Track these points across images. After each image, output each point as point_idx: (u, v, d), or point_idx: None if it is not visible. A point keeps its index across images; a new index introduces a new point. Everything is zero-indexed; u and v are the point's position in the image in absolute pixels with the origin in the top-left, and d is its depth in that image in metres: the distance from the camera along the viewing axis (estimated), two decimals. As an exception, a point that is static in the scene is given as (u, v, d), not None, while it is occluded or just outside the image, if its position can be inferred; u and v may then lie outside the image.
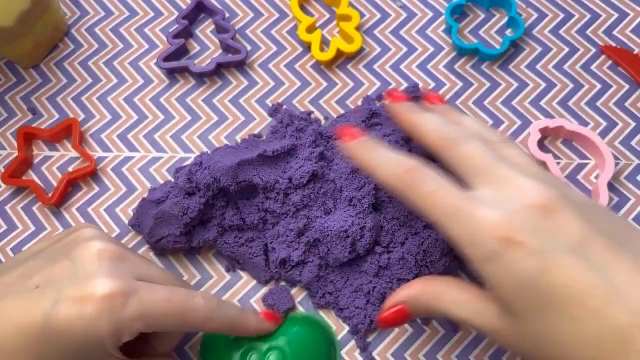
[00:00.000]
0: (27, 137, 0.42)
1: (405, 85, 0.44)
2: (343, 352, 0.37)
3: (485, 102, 0.43)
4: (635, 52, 0.44)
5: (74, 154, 0.43)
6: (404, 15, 0.46)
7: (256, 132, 0.43)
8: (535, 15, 0.46)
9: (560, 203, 0.26)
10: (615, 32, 0.45)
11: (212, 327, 0.32)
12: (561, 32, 0.45)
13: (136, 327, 0.29)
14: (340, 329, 0.37)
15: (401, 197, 0.29)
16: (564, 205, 0.26)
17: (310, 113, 0.42)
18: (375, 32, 0.46)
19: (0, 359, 0.28)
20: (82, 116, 0.44)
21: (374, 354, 0.37)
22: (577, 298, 0.25)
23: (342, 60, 0.45)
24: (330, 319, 0.38)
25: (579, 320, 0.25)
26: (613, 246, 0.26)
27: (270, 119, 0.43)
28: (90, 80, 0.45)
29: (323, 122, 0.42)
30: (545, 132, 0.42)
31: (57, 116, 0.44)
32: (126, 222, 0.40)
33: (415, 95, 0.41)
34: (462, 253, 0.27)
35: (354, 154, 0.32)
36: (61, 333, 0.28)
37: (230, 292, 0.39)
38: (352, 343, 0.37)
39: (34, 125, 0.43)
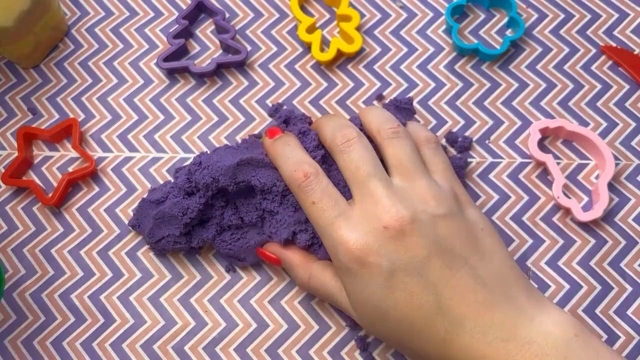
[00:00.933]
0: (27, 137, 0.42)
1: (405, 85, 0.44)
2: (343, 352, 0.37)
3: (485, 102, 0.43)
4: (635, 52, 0.44)
5: (74, 154, 0.43)
6: (404, 15, 0.46)
7: (256, 132, 0.43)
8: (535, 15, 0.46)
9: (410, 226, 0.31)
10: (615, 32, 0.45)
11: None
12: (561, 32, 0.45)
13: None
14: (340, 329, 0.37)
15: (295, 197, 0.34)
16: (412, 228, 0.31)
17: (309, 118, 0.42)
18: (375, 32, 0.46)
19: None
20: (82, 116, 0.44)
21: (374, 354, 0.37)
22: (411, 312, 0.30)
23: (342, 60, 0.45)
24: (331, 319, 0.38)
25: (412, 333, 0.30)
26: (446, 263, 0.30)
27: (270, 119, 0.43)
28: (90, 80, 0.45)
29: None
30: (546, 132, 0.42)
31: (57, 116, 0.44)
32: (126, 222, 0.40)
33: (404, 106, 0.40)
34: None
35: (267, 149, 0.36)
36: None
37: (230, 292, 0.39)
38: (352, 343, 0.37)
39: (34, 125, 0.43)
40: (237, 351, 0.37)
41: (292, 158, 0.34)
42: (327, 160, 0.37)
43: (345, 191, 0.36)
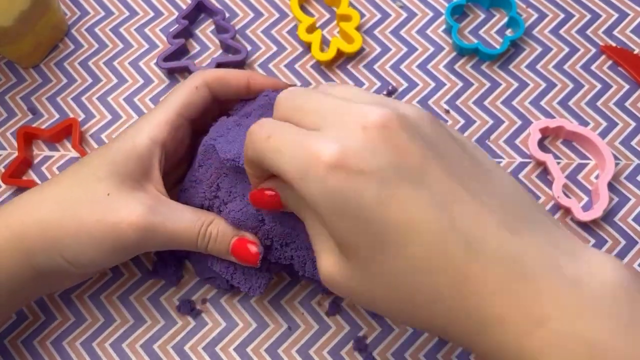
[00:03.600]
0: (27, 137, 0.42)
1: (405, 85, 0.44)
2: (343, 352, 0.37)
3: (485, 102, 0.43)
4: (635, 52, 0.44)
5: (74, 154, 0.43)
6: (404, 15, 0.46)
7: None
8: (535, 15, 0.46)
9: (397, 122, 0.24)
10: (615, 32, 0.45)
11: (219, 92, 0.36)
12: (561, 32, 0.45)
13: (152, 148, 0.34)
14: (340, 329, 0.37)
15: (251, 165, 0.28)
16: (401, 126, 0.24)
17: None
18: (375, 32, 0.46)
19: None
20: (82, 116, 0.44)
21: (374, 354, 0.37)
22: (415, 235, 0.23)
23: (342, 60, 0.45)
24: (331, 319, 0.38)
25: (417, 259, 0.23)
26: (450, 172, 0.24)
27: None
28: (90, 80, 0.45)
29: None
30: (545, 132, 0.42)
31: (57, 116, 0.44)
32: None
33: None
34: (298, 192, 0.25)
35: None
36: (107, 156, 0.33)
37: (230, 292, 0.39)
38: (352, 343, 0.37)
39: (34, 125, 0.43)
40: (237, 351, 0.37)
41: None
42: None
43: None
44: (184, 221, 0.33)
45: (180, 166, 0.37)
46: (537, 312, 0.22)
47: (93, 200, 0.32)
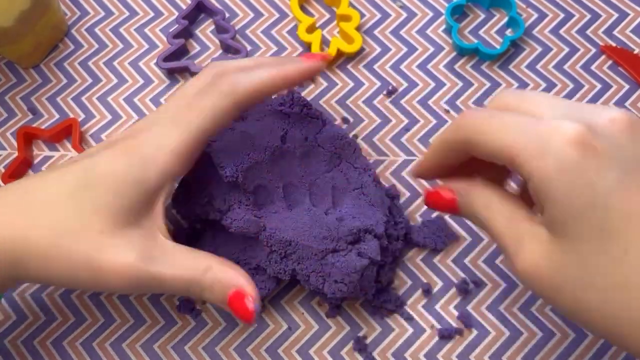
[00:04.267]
0: (27, 137, 0.42)
1: (405, 85, 0.44)
2: (343, 352, 0.37)
3: (486, 102, 0.43)
4: (635, 52, 0.44)
5: (74, 154, 0.43)
6: (404, 15, 0.46)
7: None
8: (535, 15, 0.46)
9: (635, 124, 0.24)
10: (615, 32, 0.45)
11: (243, 102, 0.31)
12: (561, 32, 0.45)
13: (180, 153, 0.30)
14: (340, 329, 0.37)
15: (450, 148, 0.27)
16: (637, 129, 0.24)
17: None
18: (375, 32, 0.46)
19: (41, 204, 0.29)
20: (82, 116, 0.44)
21: (374, 354, 0.37)
22: None
23: (342, 60, 0.45)
24: (331, 319, 0.38)
25: None
26: None
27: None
28: (90, 80, 0.45)
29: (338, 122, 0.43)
30: (545, 132, 0.42)
31: (57, 116, 0.44)
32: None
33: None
34: (523, 169, 0.24)
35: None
36: (101, 184, 0.29)
37: (230, 292, 0.39)
38: (352, 343, 0.37)
39: (34, 125, 0.43)
40: (237, 351, 0.37)
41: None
42: (309, 154, 0.36)
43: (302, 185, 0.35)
44: (178, 269, 0.30)
45: None
46: None
47: (86, 236, 0.29)
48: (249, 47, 0.45)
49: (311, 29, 0.45)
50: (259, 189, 0.35)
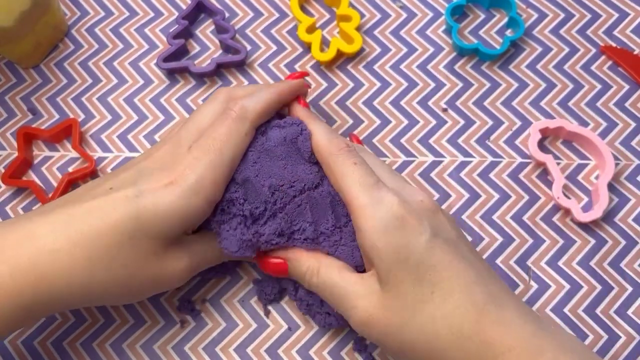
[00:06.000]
0: (27, 137, 0.42)
1: (405, 85, 0.44)
2: (343, 352, 0.37)
3: (485, 102, 0.43)
4: (635, 52, 0.44)
5: (73, 154, 0.43)
6: (404, 15, 0.46)
7: None
8: (535, 15, 0.46)
9: (440, 209, 0.33)
10: (615, 32, 0.45)
11: (255, 121, 0.35)
12: (561, 32, 0.45)
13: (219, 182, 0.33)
14: (340, 329, 0.37)
15: (327, 160, 0.33)
16: (442, 212, 0.33)
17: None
18: (375, 32, 0.46)
19: (98, 253, 0.31)
20: (82, 116, 0.44)
21: (374, 354, 0.37)
22: (450, 276, 0.30)
23: (342, 60, 0.45)
24: (330, 319, 0.38)
25: (448, 294, 0.30)
26: (473, 251, 0.32)
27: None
28: (90, 80, 0.45)
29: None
30: (546, 133, 0.42)
31: (57, 116, 0.44)
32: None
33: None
34: (357, 224, 0.32)
35: (300, 112, 0.36)
36: (156, 217, 0.31)
37: (230, 292, 0.39)
38: (352, 343, 0.37)
39: (34, 125, 0.43)
40: (237, 351, 0.37)
41: (329, 130, 0.35)
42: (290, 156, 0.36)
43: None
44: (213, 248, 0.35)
45: None
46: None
47: (146, 263, 0.32)
48: (249, 47, 0.45)
49: (311, 29, 0.45)
50: (246, 183, 0.34)
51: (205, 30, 0.46)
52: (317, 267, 0.33)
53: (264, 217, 0.34)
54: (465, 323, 0.29)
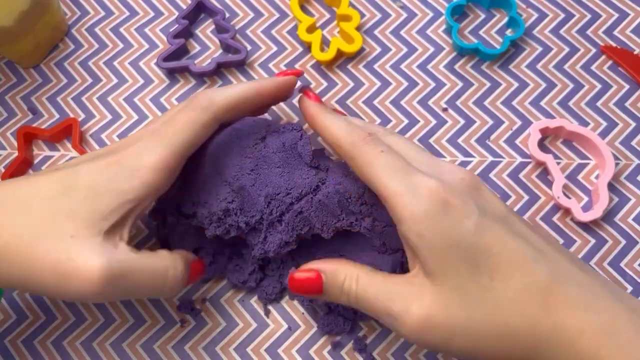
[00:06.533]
0: (27, 137, 0.42)
1: (405, 85, 0.44)
2: (343, 352, 0.37)
3: (485, 102, 0.43)
4: (635, 52, 0.44)
5: (74, 154, 0.43)
6: (404, 15, 0.46)
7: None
8: (535, 15, 0.46)
9: (482, 184, 0.30)
10: (615, 32, 0.45)
11: (222, 113, 0.33)
12: (561, 32, 0.45)
13: (163, 168, 0.31)
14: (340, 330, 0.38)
15: (350, 154, 0.31)
16: (485, 187, 0.30)
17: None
18: (375, 32, 0.46)
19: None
20: (82, 116, 0.44)
21: (374, 354, 0.37)
22: (508, 257, 0.27)
23: (342, 60, 0.45)
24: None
25: (509, 277, 0.27)
26: (527, 224, 0.30)
27: (271, 119, 0.43)
28: (90, 80, 0.45)
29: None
30: (546, 132, 0.42)
31: (57, 116, 0.44)
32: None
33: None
34: (396, 214, 0.29)
35: (312, 113, 0.34)
36: (93, 193, 0.30)
37: (230, 292, 0.39)
38: (352, 343, 0.37)
39: (34, 125, 0.43)
40: (237, 351, 0.37)
41: (346, 122, 0.33)
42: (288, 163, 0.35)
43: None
44: (147, 264, 0.31)
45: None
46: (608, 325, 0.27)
47: (56, 240, 0.29)
48: (249, 47, 0.45)
49: (311, 29, 0.45)
50: (242, 191, 0.34)
51: (206, 30, 0.46)
52: (357, 273, 0.30)
53: (261, 227, 0.34)
54: (532, 307, 0.27)
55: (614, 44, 0.44)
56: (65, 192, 0.30)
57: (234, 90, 0.34)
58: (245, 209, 0.34)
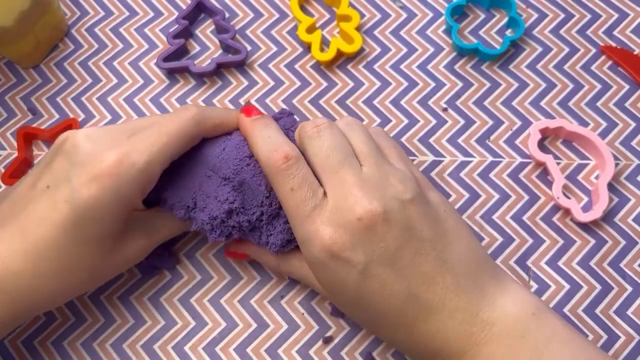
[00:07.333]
0: (27, 137, 0.42)
1: (405, 85, 0.44)
2: (343, 352, 0.37)
3: (485, 102, 0.43)
4: (635, 52, 0.44)
5: (74, 154, 0.43)
6: (404, 15, 0.46)
7: None
8: (535, 15, 0.46)
9: (382, 216, 0.30)
10: (615, 32, 0.45)
11: (207, 128, 0.35)
12: (561, 32, 0.45)
13: (151, 171, 0.32)
14: (340, 329, 0.37)
15: (268, 178, 0.33)
16: (385, 218, 0.30)
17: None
18: (375, 32, 0.46)
19: (59, 263, 0.31)
20: (82, 116, 0.44)
21: (374, 354, 0.37)
22: (384, 301, 0.31)
23: (342, 60, 0.45)
24: (331, 319, 0.38)
25: (384, 320, 0.31)
26: (417, 253, 0.31)
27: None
28: (90, 80, 0.45)
29: None
30: (546, 133, 0.42)
31: (57, 116, 0.44)
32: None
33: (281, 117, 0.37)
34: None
35: (244, 126, 0.35)
36: (91, 211, 0.31)
37: (230, 292, 0.39)
38: (352, 343, 0.37)
39: (34, 125, 0.43)
40: (237, 351, 0.37)
41: (272, 138, 0.33)
42: None
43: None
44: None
45: None
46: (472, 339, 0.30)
47: (82, 267, 0.32)
48: (249, 47, 0.45)
49: (311, 29, 0.45)
50: (243, 186, 0.34)
51: (205, 30, 0.46)
52: (277, 264, 0.36)
53: (262, 225, 0.34)
54: (400, 341, 0.32)
55: (614, 44, 0.44)
56: (81, 215, 0.31)
57: (221, 112, 0.36)
58: (246, 206, 0.34)
